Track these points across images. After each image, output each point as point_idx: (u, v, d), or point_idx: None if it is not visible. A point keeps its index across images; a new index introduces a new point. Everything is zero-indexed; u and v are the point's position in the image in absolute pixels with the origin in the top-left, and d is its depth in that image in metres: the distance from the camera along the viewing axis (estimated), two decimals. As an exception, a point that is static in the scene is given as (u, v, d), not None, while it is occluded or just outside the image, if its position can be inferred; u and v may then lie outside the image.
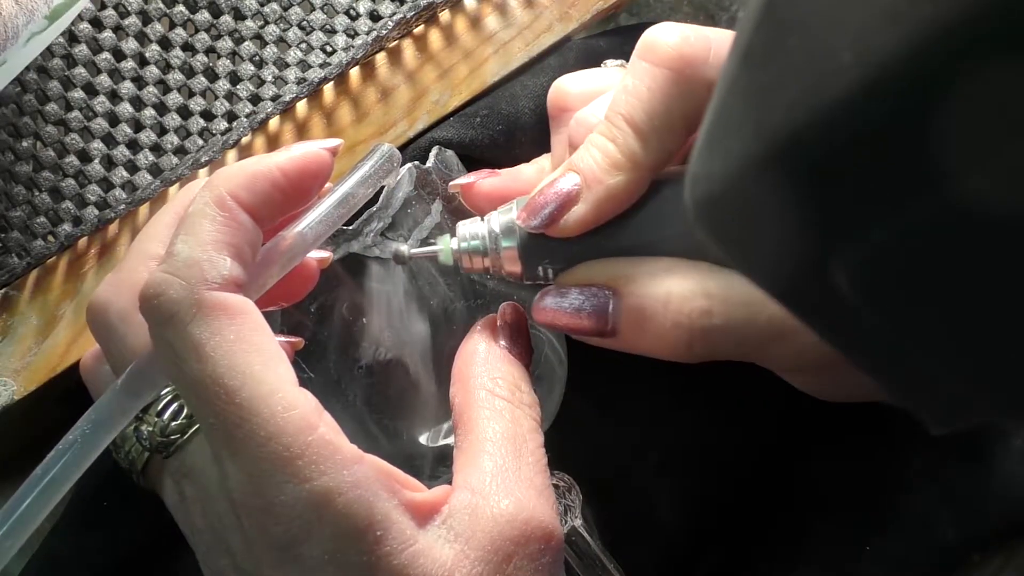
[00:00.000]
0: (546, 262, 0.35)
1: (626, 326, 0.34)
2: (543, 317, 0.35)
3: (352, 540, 0.28)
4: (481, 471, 0.31)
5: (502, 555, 0.30)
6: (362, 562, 0.28)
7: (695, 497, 0.42)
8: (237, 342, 0.29)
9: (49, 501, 0.30)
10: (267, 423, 0.28)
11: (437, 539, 0.30)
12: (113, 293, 0.33)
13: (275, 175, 0.32)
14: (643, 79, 0.34)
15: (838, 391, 0.36)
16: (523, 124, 0.43)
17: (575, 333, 0.36)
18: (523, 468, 0.32)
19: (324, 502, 0.28)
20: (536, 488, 0.32)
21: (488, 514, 0.30)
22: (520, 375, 0.35)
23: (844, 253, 0.19)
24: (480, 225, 0.36)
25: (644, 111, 0.34)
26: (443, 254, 0.36)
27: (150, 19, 0.46)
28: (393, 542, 0.28)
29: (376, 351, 0.36)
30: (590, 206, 0.34)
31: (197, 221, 0.31)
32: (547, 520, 0.31)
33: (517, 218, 0.35)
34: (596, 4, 0.45)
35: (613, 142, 0.34)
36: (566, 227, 0.34)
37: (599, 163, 0.34)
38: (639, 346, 0.35)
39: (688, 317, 0.33)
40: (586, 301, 0.35)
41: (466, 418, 0.33)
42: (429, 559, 0.29)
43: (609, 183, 0.34)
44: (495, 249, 0.35)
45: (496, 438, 0.32)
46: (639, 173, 0.34)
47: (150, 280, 0.30)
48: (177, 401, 0.33)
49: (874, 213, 0.18)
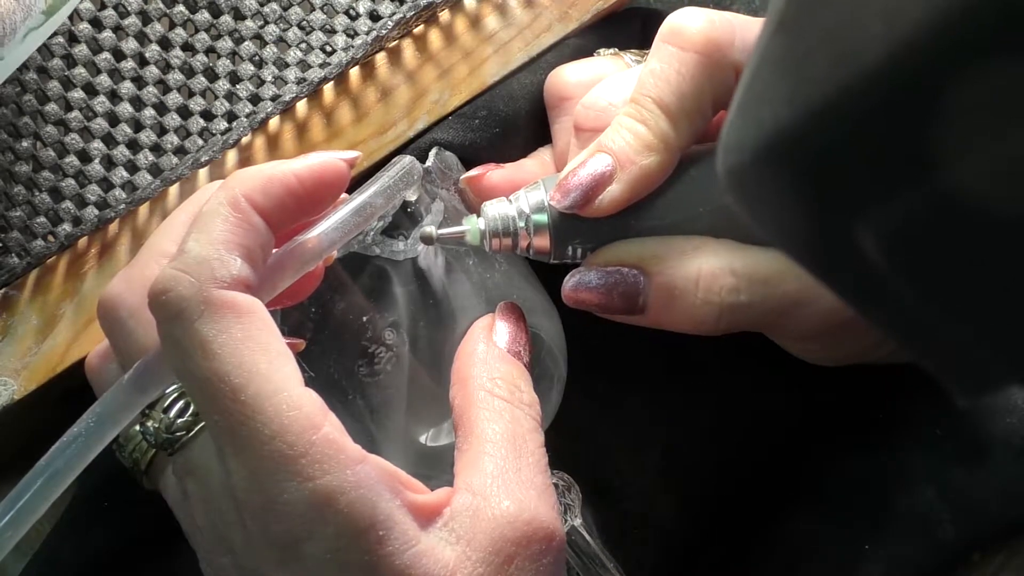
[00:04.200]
0: (576, 241, 0.36)
1: (656, 304, 0.35)
2: (573, 297, 0.36)
3: (354, 539, 0.28)
4: (482, 472, 0.31)
5: (504, 556, 0.30)
6: (364, 561, 0.28)
7: (695, 497, 0.42)
8: (244, 340, 0.29)
9: (52, 493, 0.30)
10: (271, 421, 0.28)
11: (439, 541, 0.30)
12: (124, 289, 0.33)
13: (291, 181, 0.32)
14: (671, 63, 0.35)
15: (838, 354, 0.38)
16: (520, 124, 0.43)
17: (604, 312, 0.36)
18: (524, 469, 0.32)
19: (327, 501, 0.28)
20: (537, 488, 0.32)
21: (489, 515, 0.30)
22: (519, 374, 0.35)
23: (873, 220, 0.20)
24: (508, 205, 0.36)
25: (674, 94, 0.35)
26: (470, 234, 0.36)
27: (150, 19, 0.46)
28: (396, 542, 0.29)
29: (376, 350, 0.36)
30: (624, 186, 0.35)
31: (210, 220, 0.31)
32: (548, 521, 0.31)
33: (550, 198, 0.35)
34: (596, 4, 0.45)
35: (644, 124, 0.35)
36: (600, 207, 0.35)
37: (631, 144, 0.35)
38: (666, 322, 0.36)
39: (718, 295, 0.35)
40: (617, 281, 0.35)
41: (466, 419, 0.33)
42: (431, 560, 0.29)
43: (643, 163, 0.35)
44: (524, 229, 0.36)
45: (496, 439, 0.32)
46: (670, 154, 0.35)
47: (160, 276, 0.30)
48: (183, 399, 0.33)
49: (904, 178, 0.19)
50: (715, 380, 0.43)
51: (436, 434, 0.36)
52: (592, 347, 0.41)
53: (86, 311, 0.42)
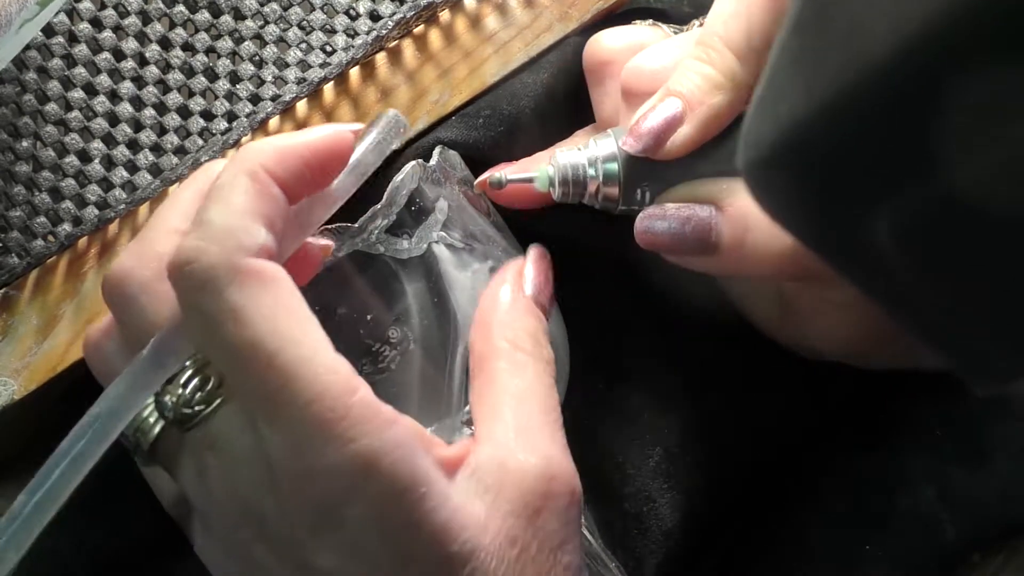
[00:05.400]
0: (645, 185, 0.36)
1: (729, 240, 0.35)
2: (646, 237, 0.36)
3: (397, 499, 0.28)
4: (505, 424, 0.31)
5: (532, 509, 0.30)
6: (406, 521, 0.28)
7: (695, 497, 0.42)
8: (275, 307, 0.29)
9: (77, 474, 0.30)
10: (310, 386, 0.28)
11: (468, 493, 0.30)
12: (135, 264, 0.33)
13: (305, 152, 0.32)
14: (739, 1, 0.35)
15: (858, 339, 0.37)
16: (523, 123, 0.43)
17: (678, 252, 0.36)
18: (547, 425, 0.32)
19: (370, 463, 0.28)
20: (559, 444, 0.32)
21: (516, 467, 0.30)
22: (542, 328, 0.35)
23: (885, 212, 0.20)
24: (579, 153, 0.36)
25: (740, 30, 0.35)
26: (539, 181, 0.36)
27: (150, 19, 0.46)
28: (436, 498, 0.28)
29: (380, 349, 0.36)
30: (695, 126, 0.35)
31: (230, 191, 0.30)
32: (571, 476, 0.31)
33: (622, 144, 0.35)
34: (596, 4, 0.45)
35: (711, 64, 0.35)
36: (672, 148, 0.35)
37: (699, 85, 0.35)
38: (739, 263, 0.35)
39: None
40: (689, 216, 0.35)
41: (487, 367, 0.33)
42: (465, 513, 0.29)
43: (712, 102, 0.35)
44: (594, 176, 0.36)
45: (519, 392, 0.32)
46: (739, 92, 0.35)
47: (183, 247, 0.29)
48: (199, 375, 0.32)
49: (913, 173, 0.19)
50: (716, 380, 0.43)
51: (440, 431, 0.36)
52: (592, 347, 0.41)
53: (86, 311, 0.42)
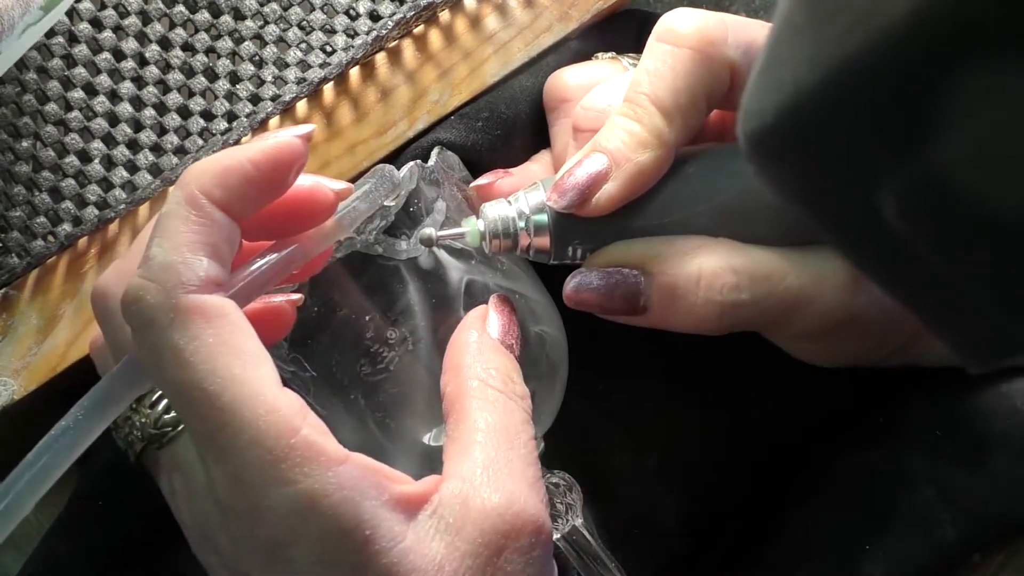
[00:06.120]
0: (576, 242, 0.36)
1: (657, 304, 0.35)
2: (575, 298, 0.36)
3: (340, 541, 0.28)
4: (472, 461, 0.31)
5: (492, 548, 0.30)
6: (352, 562, 0.28)
7: (695, 497, 0.42)
8: (216, 346, 0.28)
9: (41, 488, 0.30)
10: (248, 427, 0.28)
11: (427, 532, 0.29)
12: (114, 282, 0.33)
13: (247, 168, 0.31)
14: (664, 60, 0.35)
15: (839, 355, 0.39)
16: (521, 127, 0.43)
17: (606, 313, 0.36)
18: (514, 460, 0.32)
19: (310, 505, 0.28)
20: (527, 481, 0.32)
21: (479, 505, 0.30)
22: (512, 366, 0.35)
23: (891, 180, 0.20)
24: (508, 206, 0.36)
25: (668, 90, 0.35)
26: (470, 236, 0.36)
27: (150, 19, 0.46)
28: (382, 540, 0.28)
29: (379, 350, 0.36)
30: (620, 184, 0.35)
31: (170, 222, 0.30)
32: (537, 513, 0.31)
33: (548, 199, 0.35)
34: (596, 4, 0.45)
35: (639, 122, 0.35)
36: (597, 206, 0.35)
37: (626, 142, 0.35)
38: (668, 322, 0.36)
39: (720, 293, 0.35)
40: (618, 281, 0.35)
41: (458, 407, 0.33)
42: (418, 554, 0.29)
43: (638, 160, 0.35)
44: (524, 229, 0.36)
45: (488, 429, 0.32)
46: (665, 150, 0.35)
47: (129, 285, 0.29)
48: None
49: (920, 140, 0.19)
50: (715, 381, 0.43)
51: (439, 433, 0.36)
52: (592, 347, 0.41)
53: (86, 311, 0.42)
